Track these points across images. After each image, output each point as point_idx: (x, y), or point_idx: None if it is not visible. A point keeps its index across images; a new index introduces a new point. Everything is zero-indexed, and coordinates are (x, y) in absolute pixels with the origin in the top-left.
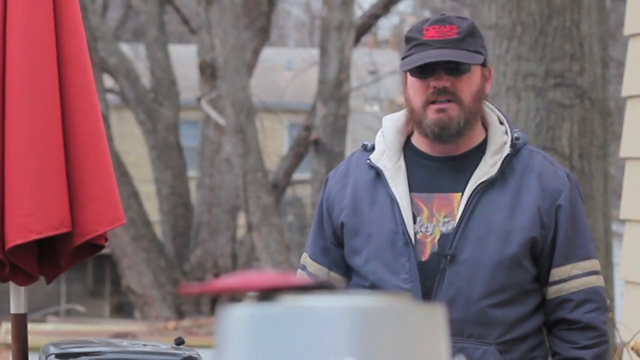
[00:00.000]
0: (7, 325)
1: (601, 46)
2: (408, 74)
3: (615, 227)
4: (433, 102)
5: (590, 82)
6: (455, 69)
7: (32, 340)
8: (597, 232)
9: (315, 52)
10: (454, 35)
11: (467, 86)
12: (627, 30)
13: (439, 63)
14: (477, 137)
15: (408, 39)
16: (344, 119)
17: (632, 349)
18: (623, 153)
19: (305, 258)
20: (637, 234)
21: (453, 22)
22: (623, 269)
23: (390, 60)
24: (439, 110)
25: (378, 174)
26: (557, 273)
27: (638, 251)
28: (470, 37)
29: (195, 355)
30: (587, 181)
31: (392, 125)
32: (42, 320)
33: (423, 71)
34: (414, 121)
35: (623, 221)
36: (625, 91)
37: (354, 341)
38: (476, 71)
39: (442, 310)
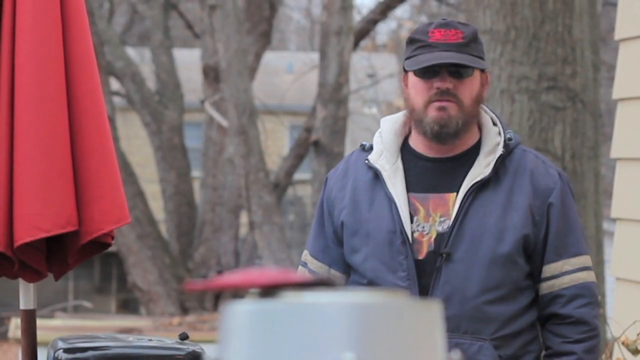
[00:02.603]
0: (17, 321)
1: (592, 50)
2: (410, 74)
3: (606, 225)
4: (435, 101)
5: (582, 85)
6: (458, 72)
7: (40, 335)
8: (588, 230)
9: (315, 56)
10: (459, 39)
11: (469, 89)
12: (618, 34)
13: (443, 65)
14: (472, 138)
15: (413, 40)
16: (343, 121)
17: (623, 343)
18: (614, 154)
19: (306, 255)
20: (628, 232)
21: (458, 27)
22: (614, 266)
23: (388, 63)
24: (440, 109)
25: (376, 174)
26: (549, 269)
27: (628, 249)
28: (473, 43)
29: (199, 350)
30: (579, 181)
31: (390, 126)
32: (50, 316)
33: (427, 72)
34: (414, 120)
35: (614, 220)
36: (616, 94)
37: (353, 336)
38: (477, 76)
39: (438, 307)
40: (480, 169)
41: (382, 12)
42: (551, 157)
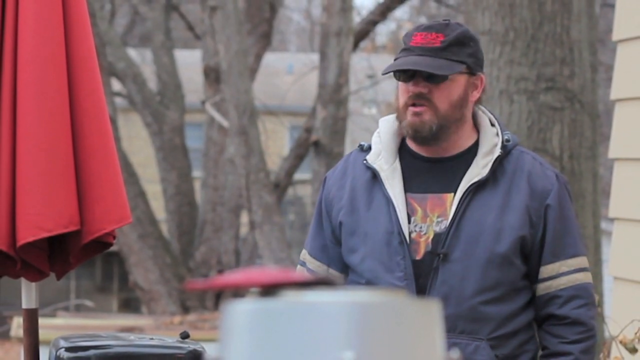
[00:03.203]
0: (19, 320)
1: (590, 51)
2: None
3: (604, 225)
4: (412, 105)
5: (580, 85)
6: (432, 77)
7: (43, 334)
8: (586, 230)
9: (315, 57)
10: (437, 43)
11: (445, 94)
12: (616, 35)
13: (418, 69)
14: (469, 139)
15: (403, 41)
16: (343, 121)
17: (621, 342)
18: (612, 154)
19: (304, 255)
20: (626, 232)
21: (442, 30)
22: (612, 266)
23: (387, 64)
24: (414, 114)
25: (374, 174)
26: (546, 270)
27: (626, 248)
28: (456, 46)
29: (200, 349)
30: (577, 181)
31: (388, 126)
32: (52, 315)
33: (405, 75)
34: (398, 121)
35: (612, 219)
36: (614, 94)
37: (352, 335)
38: (458, 79)
39: (437, 306)
40: (478, 170)
41: (382, 13)
42: (549, 158)
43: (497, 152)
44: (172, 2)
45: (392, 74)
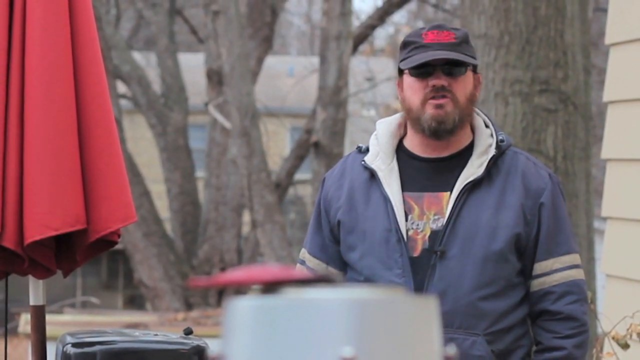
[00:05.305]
0: (27, 317)
1: (584, 54)
2: (405, 75)
3: (597, 224)
4: (431, 99)
5: (573, 88)
6: (452, 70)
7: (50, 331)
8: (580, 228)
9: (315, 60)
10: (452, 39)
11: (462, 87)
12: (608, 39)
13: (437, 64)
14: (465, 139)
15: (407, 43)
16: (343, 123)
17: (613, 338)
18: (604, 155)
19: (304, 253)
20: (618, 231)
21: (450, 29)
22: (604, 264)
23: (385, 67)
24: (437, 106)
25: (372, 174)
26: (539, 267)
27: (618, 247)
28: (465, 44)
29: (203, 345)
30: (570, 181)
31: (385, 128)
32: (59, 311)
33: (423, 71)
34: (411, 119)
35: (604, 218)
36: (607, 97)
37: (352, 331)
38: (469, 75)
39: (435, 302)
40: (473, 169)
41: (380, 17)
42: (544, 158)
43: (492, 152)
44: (176, 7)
45: (394, 72)
